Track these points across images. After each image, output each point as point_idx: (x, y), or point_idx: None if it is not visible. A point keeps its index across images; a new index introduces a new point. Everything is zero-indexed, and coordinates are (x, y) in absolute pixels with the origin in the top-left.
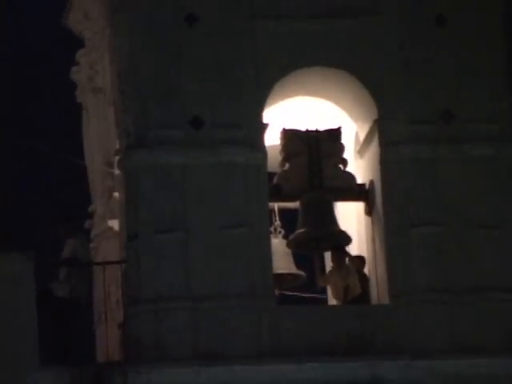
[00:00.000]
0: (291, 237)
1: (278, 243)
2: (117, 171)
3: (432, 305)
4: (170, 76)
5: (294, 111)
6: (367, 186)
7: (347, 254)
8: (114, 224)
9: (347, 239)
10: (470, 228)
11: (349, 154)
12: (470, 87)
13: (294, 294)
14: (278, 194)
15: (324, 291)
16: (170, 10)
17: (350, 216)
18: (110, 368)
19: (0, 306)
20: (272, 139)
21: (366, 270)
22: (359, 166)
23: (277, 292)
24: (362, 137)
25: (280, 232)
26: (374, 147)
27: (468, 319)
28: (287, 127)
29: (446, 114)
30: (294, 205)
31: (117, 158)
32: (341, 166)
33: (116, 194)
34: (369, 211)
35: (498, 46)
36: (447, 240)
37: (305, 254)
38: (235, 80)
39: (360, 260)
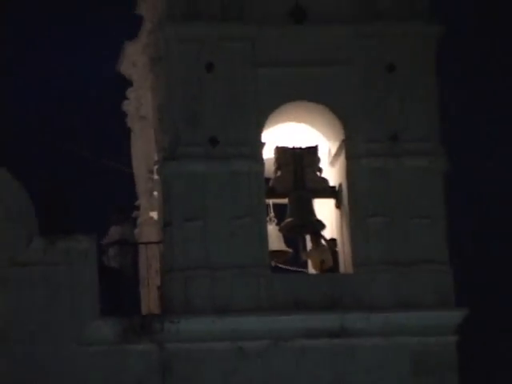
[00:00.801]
0: (282, 224)
1: (272, 229)
2: (156, 176)
3: (384, 273)
4: (194, 108)
5: (285, 133)
6: (337, 188)
7: (322, 236)
8: (154, 215)
9: (322, 226)
10: (410, 218)
11: (324, 164)
12: (411, 117)
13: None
14: (272, 193)
15: (306, 263)
16: (194, 60)
17: (324, 209)
18: (151, 318)
19: (71, 275)
20: (268, 154)
21: (336, 248)
22: (331, 173)
23: (272, 263)
24: (333, 152)
25: (274, 220)
26: (342, 160)
27: (411, 283)
28: (279, 145)
29: (393, 136)
30: (283, 201)
31: (156, 167)
32: (318, 173)
33: (155, 193)
34: (338, 206)
35: (433, 86)
36: (394, 227)
37: (292, 236)
38: (242, 110)
39: (332, 241)
